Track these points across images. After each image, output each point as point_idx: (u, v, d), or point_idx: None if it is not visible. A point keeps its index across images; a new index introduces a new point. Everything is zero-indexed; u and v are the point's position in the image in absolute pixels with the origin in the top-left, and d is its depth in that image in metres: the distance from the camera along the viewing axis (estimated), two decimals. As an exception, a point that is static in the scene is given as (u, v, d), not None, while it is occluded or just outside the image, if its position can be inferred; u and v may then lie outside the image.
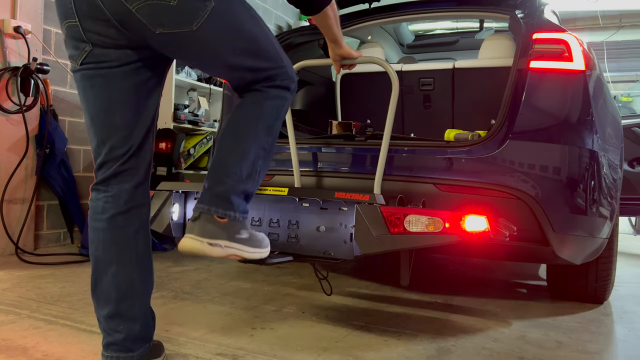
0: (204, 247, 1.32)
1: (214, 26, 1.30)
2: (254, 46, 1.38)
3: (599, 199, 2.07)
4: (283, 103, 1.44)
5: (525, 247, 2.05)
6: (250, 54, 1.37)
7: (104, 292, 1.39)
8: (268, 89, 1.41)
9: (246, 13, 1.38)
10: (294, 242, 1.85)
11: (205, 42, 1.32)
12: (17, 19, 3.24)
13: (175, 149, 3.95)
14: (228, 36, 1.34)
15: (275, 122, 1.43)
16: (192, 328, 1.93)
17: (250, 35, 1.37)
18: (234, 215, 1.36)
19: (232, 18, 1.34)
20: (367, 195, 1.60)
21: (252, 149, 1.38)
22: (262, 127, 1.40)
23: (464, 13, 2.83)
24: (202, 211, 1.35)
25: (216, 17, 1.30)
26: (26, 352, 1.63)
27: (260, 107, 1.40)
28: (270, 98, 1.41)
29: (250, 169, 1.38)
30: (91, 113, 1.39)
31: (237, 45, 1.36)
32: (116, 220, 1.39)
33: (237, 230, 1.38)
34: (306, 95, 3.09)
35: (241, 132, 1.38)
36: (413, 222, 1.56)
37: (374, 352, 1.75)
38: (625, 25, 8.00)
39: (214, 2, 1.29)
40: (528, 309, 2.40)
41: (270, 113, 1.41)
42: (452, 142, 2.18)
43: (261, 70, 1.39)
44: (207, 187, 1.38)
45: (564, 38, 2.07)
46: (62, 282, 2.61)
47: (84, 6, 1.29)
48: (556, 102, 2.04)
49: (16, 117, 3.26)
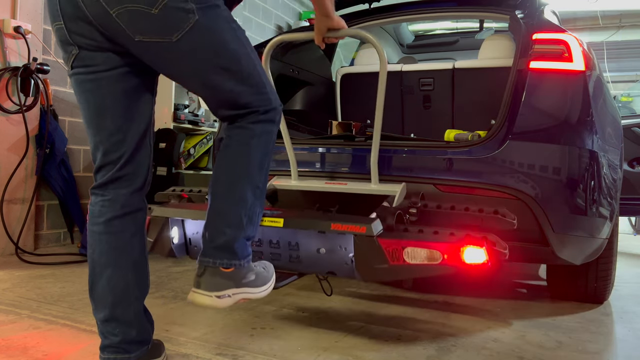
0: (212, 302, 1.35)
1: (195, 40, 1.27)
2: (235, 67, 1.34)
3: (598, 199, 2.08)
4: (270, 138, 1.42)
5: (525, 247, 2.05)
6: (231, 75, 1.33)
7: (99, 296, 1.39)
8: (253, 125, 1.38)
9: (232, 33, 1.34)
10: (296, 263, 1.85)
11: (184, 56, 1.29)
12: (17, 19, 3.24)
13: (175, 149, 3.95)
14: (209, 53, 1.30)
15: (265, 157, 1.42)
16: (192, 328, 1.93)
17: (232, 55, 1.33)
18: (239, 263, 1.38)
19: (216, 35, 1.31)
20: (364, 226, 1.56)
21: (247, 192, 1.37)
22: (253, 167, 1.38)
23: (464, 13, 2.83)
24: (206, 265, 1.36)
25: (198, 31, 1.27)
26: (26, 352, 1.63)
27: (248, 148, 1.38)
28: (257, 136, 1.38)
29: (249, 213, 1.38)
30: (86, 117, 1.40)
31: (218, 63, 1.32)
32: (112, 224, 1.38)
33: (243, 276, 1.39)
34: (306, 95, 3.09)
35: (234, 177, 1.37)
36: (412, 254, 1.56)
37: (374, 352, 1.75)
38: (625, 25, 8.00)
39: (198, 15, 1.26)
40: (528, 309, 2.40)
41: (259, 151, 1.39)
42: (452, 143, 2.18)
43: (242, 95, 1.36)
44: (208, 238, 1.38)
45: (564, 38, 2.07)
46: (62, 282, 2.61)
47: (69, 8, 1.29)
48: (556, 103, 2.04)
49: (16, 117, 3.26)
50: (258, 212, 1.42)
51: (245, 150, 1.38)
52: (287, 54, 2.81)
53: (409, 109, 3.10)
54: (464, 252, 1.49)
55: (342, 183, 2.11)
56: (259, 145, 1.39)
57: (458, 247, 1.49)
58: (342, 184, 2.10)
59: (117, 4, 1.23)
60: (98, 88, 1.35)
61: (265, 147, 1.41)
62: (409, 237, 1.57)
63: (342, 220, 1.60)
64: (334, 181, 2.13)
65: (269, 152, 1.43)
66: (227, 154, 1.39)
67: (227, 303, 1.37)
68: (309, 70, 3.07)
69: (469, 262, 1.49)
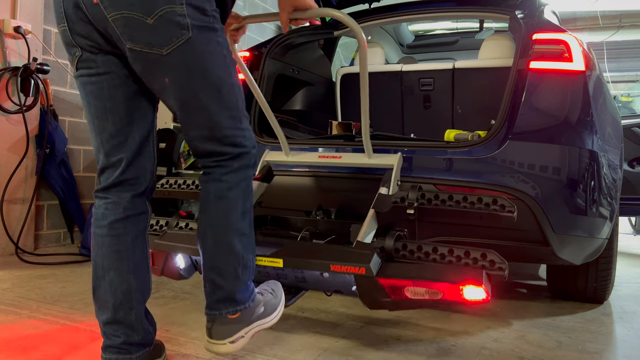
0: (228, 348, 1.39)
1: (184, 57, 1.26)
2: (218, 95, 1.32)
3: (598, 199, 2.07)
4: (248, 182, 1.41)
5: (525, 247, 2.05)
6: (213, 102, 1.31)
7: (102, 298, 1.39)
8: (228, 176, 1.36)
9: (222, 60, 1.33)
10: (303, 282, 1.86)
11: (170, 71, 1.27)
12: (17, 19, 3.24)
13: (175, 149, 3.95)
14: (195, 73, 1.28)
15: (246, 203, 1.41)
16: (192, 328, 1.93)
17: (218, 82, 1.32)
18: (244, 307, 1.40)
19: (206, 57, 1.29)
20: (363, 267, 1.55)
21: (236, 244, 1.37)
22: (236, 217, 1.37)
23: (464, 13, 2.83)
24: (213, 317, 1.38)
25: (189, 49, 1.25)
26: (26, 352, 1.63)
27: (227, 201, 1.37)
28: (235, 186, 1.37)
29: (242, 262, 1.38)
30: (88, 118, 1.41)
31: (202, 86, 1.30)
32: (114, 227, 1.39)
33: (252, 313, 1.42)
34: (306, 95, 3.09)
35: (219, 232, 1.37)
36: (413, 291, 1.58)
37: (374, 352, 1.75)
38: (625, 25, 8.01)
39: (192, 33, 1.25)
40: (528, 309, 2.40)
41: (239, 200, 1.38)
42: (452, 143, 2.18)
43: (220, 125, 1.33)
44: (209, 293, 1.39)
45: (564, 38, 2.07)
46: (62, 282, 2.61)
47: (71, 10, 1.30)
48: (556, 103, 2.04)
49: (16, 117, 3.26)
50: (251, 257, 1.42)
51: (225, 204, 1.37)
52: (287, 54, 2.81)
53: (409, 109, 3.10)
54: (463, 290, 1.51)
55: (336, 157, 2.07)
56: (238, 196, 1.38)
57: (457, 286, 1.50)
58: (336, 157, 2.07)
59: (114, 10, 1.23)
60: (100, 90, 1.35)
61: (245, 193, 1.40)
62: (409, 276, 1.55)
63: (341, 260, 1.58)
64: (328, 154, 2.08)
65: (249, 196, 1.42)
66: (208, 208, 1.38)
67: (242, 343, 1.41)
68: (309, 70, 3.07)
69: (469, 299, 1.52)
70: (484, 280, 1.48)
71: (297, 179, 2.33)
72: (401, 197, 1.84)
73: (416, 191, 1.84)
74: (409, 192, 1.84)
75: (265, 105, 1.96)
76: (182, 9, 1.23)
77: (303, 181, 2.29)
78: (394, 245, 1.67)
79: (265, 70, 2.63)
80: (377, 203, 1.82)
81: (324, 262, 1.58)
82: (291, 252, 1.66)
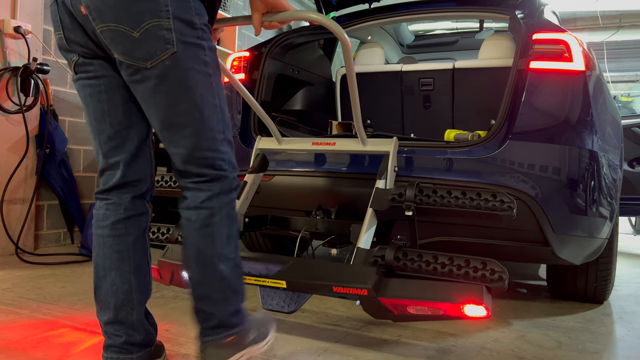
0: None
1: (166, 72, 1.24)
2: (197, 115, 1.28)
3: (598, 199, 2.08)
4: (230, 207, 1.36)
5: (525, 247, 2.05)
6: (191, 120, 1.28)
7: (103, 298, 1.39)
8: (208, 202, 1.32)
9: (205, 78, 1.29)
10: None
11: (153, 85, 1.25)
12: (17, 19, 3.24)
13: (175, 149, 3.94)
14: (176, 89, 1.26)
15: (231, 229, 1.36)
16: (192, 328, 1.92)
17: (199, 101, 1.28)
18: (237, 330, 1.38)
19: (189, 73, 1.26)
20: (365, 289, 1.55)
21: (222, 270, 1.33)
22: (221, 243, 1.33)
23: (464, 13, 2.83)
24: (207, 343, 1.36)
25: (172, 64, 1.23)
26: (26, 352, 1.63)
27: (211, 228, 1.32)
28: (217, 212, 1.32)
29: (231, 286, 1.35)
30: (87, 121, 1.42)
31: (182, 103, 1.26)
32: (115, 228, 1.39)
33: (244, 337, 1.39)
34: (306, 95, 3.09)
35: (204, 259, 1.33)
36: (415, 308, 1.60)
37: (374, 352, 1.75)
38: (625, 25, 8.01)
39: (177, 48, 1.23)
40: (528, 309, 2.40)
41: (223, 226, 1.33)
42: (452, 143, 2.18)
43: (198, 146, 1.29)
44: (201, 321, 1.37)
45: (564, 38, 2.07)
46: (62, 282, 2.61)
47: (66, 19, 1.31)
48: (556, 103, 2.04)
49: (16, 117, 3.26)
50: (239, 281, 1.39)
51: (208, 231, 1.32)
52: (287, 54, 2.81)
53: (409, 109, 3.11)
54: (464, 309, 1.52)
55: (330, 143, 2.06)
56: (220, 221, 1.33)
57: (459, 305, 1.52)
58: (330, 143, 2.06)
59: (101, 22, 1.23)
60: (98, 93, 1.36)
61: (228, 219, 1.35)
62: (410, 297, 1.56)
63: (343, 281, 1.58)
64: (321, 141, 2.08)
65: (233, 220, 1.37)
66: (191, 236, 1.34)
67: None
68: (309, 70, 3.07)
69: (470, 315, 1.53)
70: (484, 298, 1.49)
71: (297, 179, 2.34)
72: (399, 193, 1.82)
73: (414, 188, 1.81)
74: (407, 188, 1.82)
75: (250, 100, 1.95)
76: (168, 23, 1.22)
77: (303, 181, 2.29)
78: (394, 257, 1.67)
79: (265, 70, 2.63)
80: (375, 200, 1.82)
81: (326, 284, 1.58)
82: (294, 273, 1.64)
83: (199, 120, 1.29)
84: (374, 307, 1.65)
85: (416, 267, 1.64)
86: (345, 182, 2.22)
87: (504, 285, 1.53)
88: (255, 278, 1.68)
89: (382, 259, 1.68)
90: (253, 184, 2.09)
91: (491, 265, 1.57)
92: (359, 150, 1.99)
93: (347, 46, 1.53)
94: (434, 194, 1.81)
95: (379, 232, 1.84)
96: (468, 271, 1.58)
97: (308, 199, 2.25)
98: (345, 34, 1.46)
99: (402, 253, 1.69)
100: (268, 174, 2.33)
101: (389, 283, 1.58)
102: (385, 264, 1.67)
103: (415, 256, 1.67)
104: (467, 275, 1.57)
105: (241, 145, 2.43)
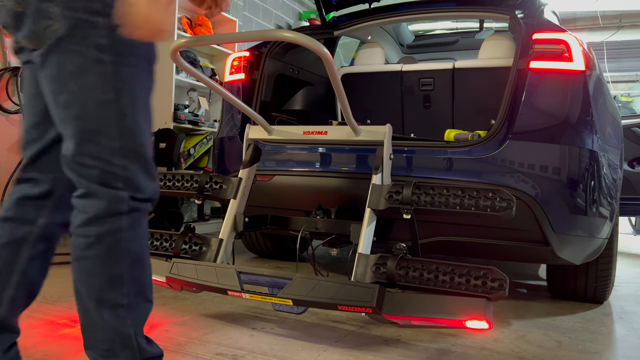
0: None
1: (47, 54, 1.05)
2: (76, 110, 1.05)
3: (598, 199, 2.08)
4: (119, 237, 1.06)
5: (525, 247, 2.05)
6: (68, 116, 1.06)
7: None
8: (86, 228, 1.05)
9: (99, 66, 1.04)
10: None
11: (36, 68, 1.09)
12: (17, 19, 3.24)
13: (175, 149, 3.95)
14: (57, 76, 1.06)
15: (115, 268, 1.05)
16: (192, 328, 1.93)
17: (80, 94, 1.05)
18: None
19: (72, 57, 1.04)
20: (369, 307, 1.57)
21: (104, 316, 1.07)
22: (100, 285, 1.05)
23: (464, 13, 2.83)
24: None
25: (54, 44, 1.03)
26: (26, 352, 1.63)
27: (84, 263, 1.06)
28: (94, 245, 1.04)
29: (118, 340, 1.08)
30: None
31: (61, 93, 1.06)
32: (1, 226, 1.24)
33: None
34: (306, 95, 3.09)
35: (82, 300, 1.09)
36: (419, 322, 1.64)
37: (374, 352, 1.75)
38: (625, 25, 8.02)
39: (60, 26, 1.02)
40: (528, 309, 2.40)
41: (103, 265, 1.05)
42: (452, 142, 2.18)
43: (76, 152, 1.06)
44: None
45: (564, 38, 2.07)
46: (62, 282, 2.60)
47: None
48: (556, 103, 2.04)
49: (16, 117, 3.26)
50: (138, 332, 1.11)
51: (81, 266, 1.06)
52: (287, 53, 2.82)
53: (409, 109, 3.11)
54: (466, 323, 1.55)
55: (321, 132, 2.03)
56: (97, 257, 1.04)
57: (461, 321, 1.54)
58: (321, 132, 2.03)
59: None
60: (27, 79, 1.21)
61: (110, 255, 1.04)
62: (413, 314, 1.58)
63: (347, 299, 1.60)
64: (313, 130, 2.05)
65: (117, 258, 1.05)
66: (72, 268, 1.09)
67: None
68: (309, 70, 3.07)
69: (472, 327, 1.57)
70: (485, 313, 1.50)
71: (297, 178, 2.34)
72: (396, 191, 1.80)
73: (411, 187, 1.78)
74: (404, 187, 1.79)
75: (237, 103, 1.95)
76: None
77: (303, 181, 2.29)
78: (396, 268, 1.67)
79: (265, 70, 2.63)
80: (372, 200, 1.81)
81: (332, 303, 1.61)
82: (299, 292, 1.65)
83: (78, 118, 1.05)
84: (379, 319, 1.71)
85: (418, 276, 1.65)
86: (345, 182, 2.22)
87: (504, 294, 1.55)
88: (262, 296, 1.70)
89: (383, 267, 1.69)
90: (248, 179, 2.07)
91: (492, 274, 1.57)
92: (352, 140, 1.96)
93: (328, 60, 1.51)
94: (432, 191, 1.78)
95: (379, 230, 1.84)
96: (469, 279, 1.58)
97: (308, 199, 2.25)
98: (323, 48, 1.47)
99: (404, 263, 1.69)
100: (268, 174, 2.33)
101: (392, 299, 1.60)
102: (386, 273, 1.67)
103: (416, 266, 1.67)
104: (468, 283, 1.58)
105: (241, 145, 2.42)
